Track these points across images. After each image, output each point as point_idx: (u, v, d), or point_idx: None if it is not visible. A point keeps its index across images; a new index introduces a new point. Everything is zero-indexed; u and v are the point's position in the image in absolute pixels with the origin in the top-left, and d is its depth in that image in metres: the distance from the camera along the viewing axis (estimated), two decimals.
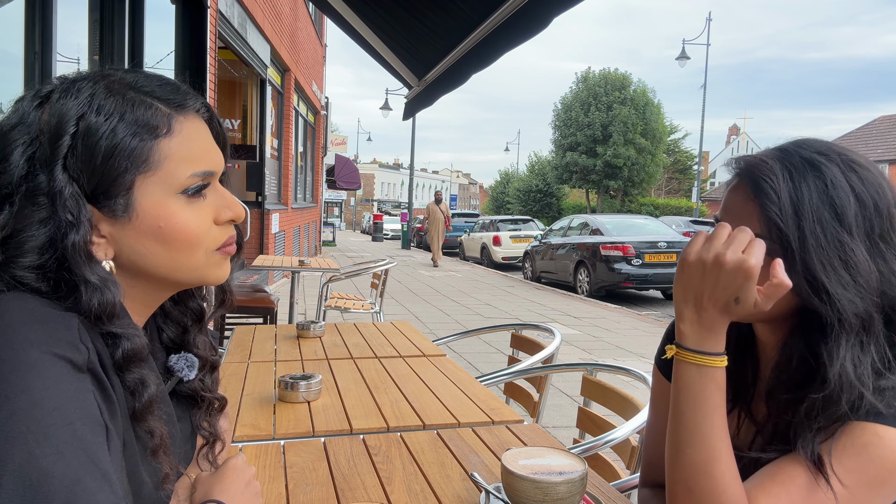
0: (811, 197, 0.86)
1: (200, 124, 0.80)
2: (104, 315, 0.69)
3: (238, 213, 0.82)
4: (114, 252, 0.75)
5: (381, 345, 2.42)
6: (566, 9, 2.28)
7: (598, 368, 2.09)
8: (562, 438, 3.66)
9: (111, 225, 0.74)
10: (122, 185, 0.72)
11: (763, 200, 0.88)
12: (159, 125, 0.74)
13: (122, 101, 0.73)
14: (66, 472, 0.58)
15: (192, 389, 0.90)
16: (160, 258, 0.76)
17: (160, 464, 0.75)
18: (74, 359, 0.64)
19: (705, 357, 0.88)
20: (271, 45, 9.48)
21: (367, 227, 39.48)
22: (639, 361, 5.91)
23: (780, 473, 0.86)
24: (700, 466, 0.87)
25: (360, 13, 4.36)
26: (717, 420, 0.88)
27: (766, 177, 0.88)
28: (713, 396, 0.88)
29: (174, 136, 0.75)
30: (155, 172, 0.74)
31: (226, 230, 0.81)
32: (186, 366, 0.87)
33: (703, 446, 0.88)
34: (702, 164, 32.01)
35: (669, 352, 0.92)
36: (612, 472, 1.74)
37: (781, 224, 0.86)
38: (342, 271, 5.69)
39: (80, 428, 0.61)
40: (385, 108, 25.34)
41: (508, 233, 17.14)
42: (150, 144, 0.73)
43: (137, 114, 0.73)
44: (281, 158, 11.35)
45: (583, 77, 33.72)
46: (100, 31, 3.95)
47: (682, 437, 0.90)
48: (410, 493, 1.15)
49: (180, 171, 0.75)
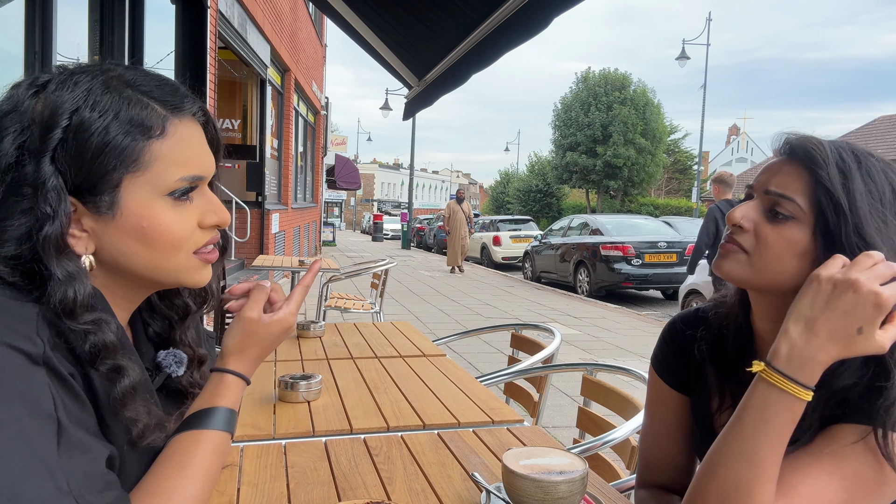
0: (856, 171, 0.89)
1: (195, 128, 0.79)
2: (65, 310, 0.68)
3: (223, 219, 0.81)
4: (94, 247, 0.74)
5: (381, 345, 2.42)
6: (566, 9, 2.28)
7: (598, 368, 2.09)
8: (562, 438, 3.67)
9: (94, 220, 0.73)
10: (110, 182, 0.72)
11: (813, 166, 0.90)
12: (153, 126, 0.74)
13: (119, 98, 0.72)
14: (11, 468, 0.58)
15: (182, 385, 0.89)
16: (140, 258, 0.75)
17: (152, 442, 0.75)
18: (29, 351, 0.63)
19: (795, 386, 0.82)
20: (271, 45, 9.48)
21: (367, 227, 39.50)
22: (639, 361, 5.91)
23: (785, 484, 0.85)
24: (743, 485, 0.83)
25: (360, 13, 4.35)
26: (779, 448, 0.83)
27: (814, 146, 0.91)
28: (786, 425, 0.83)
29: (167, 138, 0.75)
30: (144, 173, 0.73)
31: (208, 233, 0.81)
32: (175, 362, 0.87)
33: (754, 468, 0.83)
34: (702, 164, 32.02)
35: (756, 367, 0.85)
36: (612, 472, 1.75)
37: (831, 188, 0.88)
38: (342, 271, 5.69)
39: (28, 423, 0.61)
40: (385, 108, 25.34)
41: (508, 233, 17.14)
42: (142, 145, 0.73)
43: (132, 113, 0.72)
44: (281, 158, 11.35)
45: (583, 77, 33.71)
46: (100, 31, 3.95)
47: (733, 450, 0.85)
48: (412, 493, 1.15)
49: (169, 174, 0.75)
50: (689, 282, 7.43)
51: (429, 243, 23.98)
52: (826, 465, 0.84)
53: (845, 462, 0.84)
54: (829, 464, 0.84)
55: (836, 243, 0.87)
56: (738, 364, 1.01)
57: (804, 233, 0.90)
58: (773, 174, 0.95)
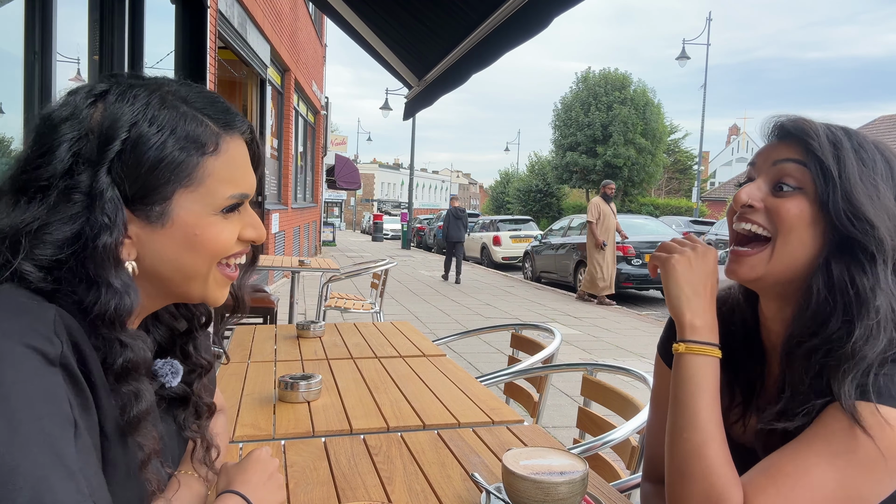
0: (847, 143, 0.93)
1: (243, 146, 0.82)
2: (117, 320, 0.69)
3: (260, 235, 0.84)
4: (137, 254, 0.75)
5: (381, 345, 2.42)
6: (566, 9, 2.28)
7: (598, 368, 2.09)
8: (562, 438, 3.66)
9: (140, 228, 0.74)
10: (163, 194, 0.73)
11: (804, 137, 0.93)
12: (207, 143, 0.76)
13: (176, 114, 0.74)
14: (32, 469, 0.58)
15: (178, 394, 0.89)
16: (182, 264, 0.77)
17: (148, 480, 0.74)
18: (47, 351, 0.63)
19: (712, 348, 0.96)
20: (271, 45, 9.48)
21: (367, 227, 39.48)
22: (639, 361, 5.91)
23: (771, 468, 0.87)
24: (695, 450, 0.91)
25: (360, 13, 4.36)
26: (714, 406, 0.94)
27: (805, 121, 0.95)
28: (713, 384, 0.95)
29: (220, 155, 0.77)
30: (197, 188, 0.75)
31: (242, 246, 0.83)
32: (171, 372, 0.86)
33: (698, 430, 0.92)
34: (702, 164, 32.02)
35: (678, 348, 0.97)
36: (612, 472, 1.74)
37: (822, 157, 0.91)
38: (342, 271, 5.69)
39: (48, 424, 0.60)
40: (385, 108, 25.32)
41: (508, 233, 17.14)
42: (197, 160, 0.75)
43: (188, 129, 0.74)
44: (281, 158, 11.34)
45: (583, 77, 33.69)
46: (100, 31, 3.95)
47: (679, 423, 0.94)
48: (411, 493, 1.15)
49: (221, 191, 0.77)
50: None
51: (429, 243, 23.97)
52: (814, 445, 0.84)
53: (834, 439, 0.83)
54: (817, 443, 0.85)
55: (827, 211, 0.90)
56: (745, 355, 1.04)
57: (809, 202, 0.92)
58: (768, 155, 0.97)
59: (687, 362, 0.95)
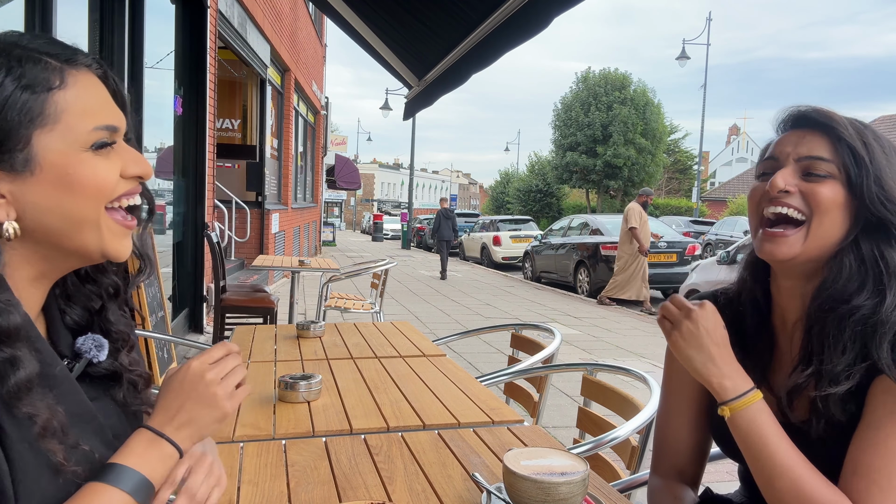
0: (868, 131, 0.99)
1: (95, 80, 0.79)
2: None
3: (145, 170, 0.81)
4: (16, 213, 0.73)
5: (381, 345, 2.42)
6: (566, 9, 2.28)
7: (598, 368, 2.09)
8: (562, 438, 3.66)
9: (11, 182, 0.72)
10: (18, 139, 0.71)
11: (832, 125, 0.98)
12: (51, 77, 0.73)
13: (8, 57, 0.72)
14: None
15: (108, 369, 0.85)
16: (66, 210, 0.74)
17: (50, 451, 0.70)
18: None
19: (752, 394, 0.99)
20: (271, 44, 9.48)
21: (367, 227, 39.47)
22: (639, 361, 5.91)
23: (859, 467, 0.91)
24: (791, 491, 0.93)
25: (360, 13, 4.35)
26: (784, 440, 0.96)
27: (829, 112, 1.00)
28: (771, 422, 0.97)
29: (68, 88, 0.75)
30: (54, 126, 0.73)
31: (130, 183, 0.80)
32: (94, 346, 0.83)
33: (785, 475, 0.94)
34: (702, 164, 32.02)
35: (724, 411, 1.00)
36: (612, 473, 1.74)
37: (852, 143, 0.96)
38: (342, 271, 5.69)
39: None
40: (385, 108, 25.32)
41: (508, 233, 17.13)
42: (44, 97, 0.73)
43: (26, 68, 0.72)
44: (281, 158, 11.35)
45: (583, 77, 33.69)
46: (100, 31, 3.95)
47: (765, 474, 0.96)
48: (412, 493, 1.15)
49: (82, 125, 0.75)
50: (690, 282, 7.43)
51: (429, 243, 23.95)
52: (885, 427, 0.88)
53: None
54: (887, 424, 0.88)
55: (859, 195, 0.95)
56: (756, 339, 1.09)
57: (840, 188, 0.97)
58: (797, 143, 1.01)
59: (739, 420, 0.98)
